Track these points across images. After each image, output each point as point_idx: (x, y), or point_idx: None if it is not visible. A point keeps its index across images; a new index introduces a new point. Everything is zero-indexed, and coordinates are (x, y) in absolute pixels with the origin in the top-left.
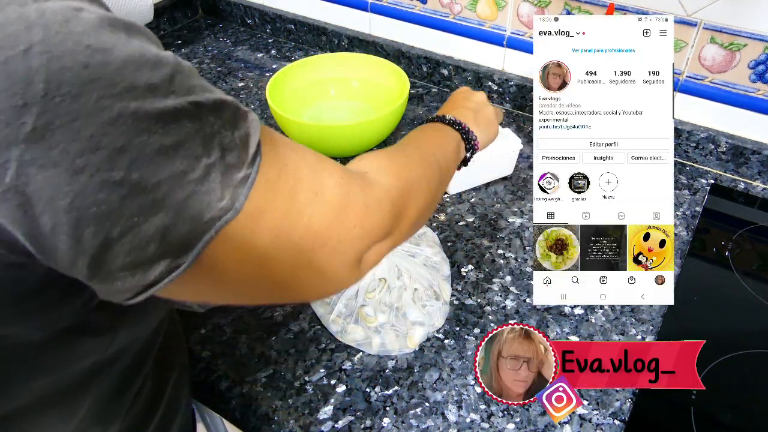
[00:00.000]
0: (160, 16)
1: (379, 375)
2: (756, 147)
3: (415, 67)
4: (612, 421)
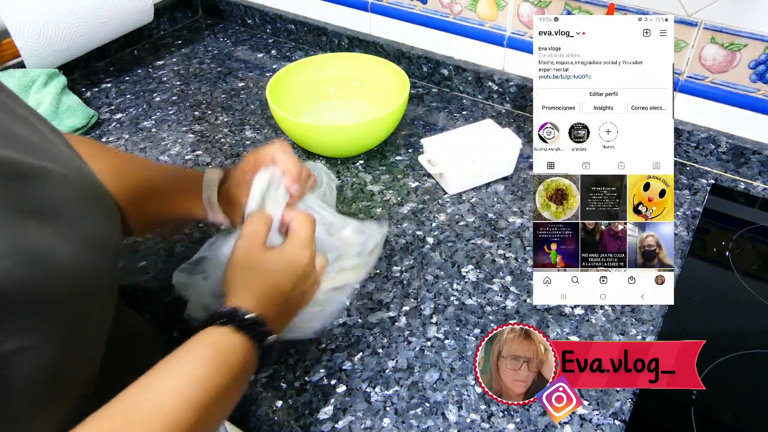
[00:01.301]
0: (160, 16)
1: (380, 375)
2: (756, 147)
3: (416, 67)
4: (612, 421)
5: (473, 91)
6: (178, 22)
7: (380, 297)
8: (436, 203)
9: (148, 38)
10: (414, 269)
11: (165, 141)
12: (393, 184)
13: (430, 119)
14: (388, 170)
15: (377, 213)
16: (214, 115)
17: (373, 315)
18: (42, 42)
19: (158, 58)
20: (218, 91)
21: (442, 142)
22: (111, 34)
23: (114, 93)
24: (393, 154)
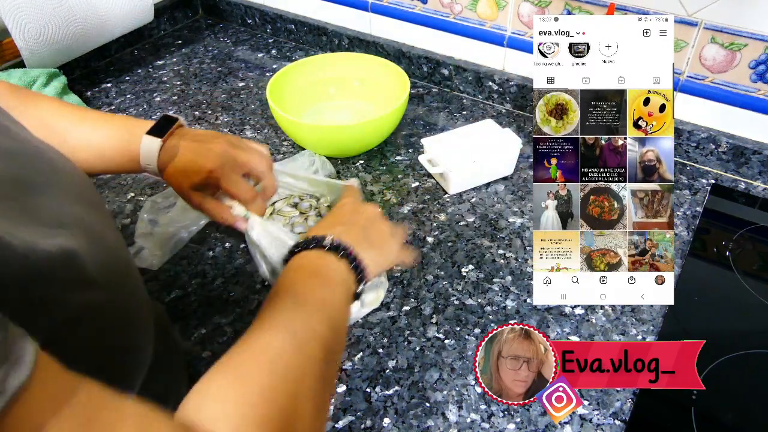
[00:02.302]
0: (160, 16)
1: (380, 375)
2: (756, 147)
3: (416, 67)
4: (612, 421)
5: (473, 91)
6: (179, 22)
7: None
8: (436, 203)
9: (149, 38)
10: (414, 269)
11: None
12: (393, 184)
13: (430, 119)
14: (388, 170)
15: None
16: (215, 115)
17: (373, 315)
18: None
19: (158, 58)
20: (218, 91)
21: (442, 142)
22: (111, 34)
23: (114, 93)
24: (393, 154)
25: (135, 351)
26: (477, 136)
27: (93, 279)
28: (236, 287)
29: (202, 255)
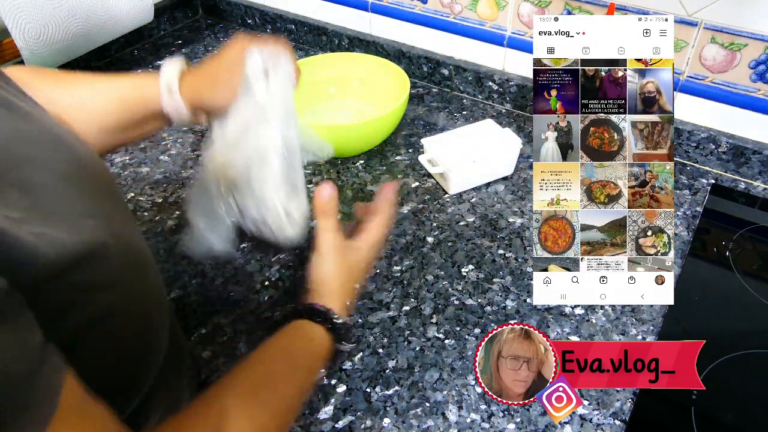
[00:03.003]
0: (160, 16)
1: (380, 375)
2: (756, 147)
3: (416, 67)
4: (613, 421)
5: (473, 91)
6: (178, 22)
7: (380, 297)
8: (436, 203)
9: (148, 38)
10: (414, 269)
11: (165, 141)
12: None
13: (430, 119)
14: (388, 170)
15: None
16: None
17: (373, 315)
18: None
19: (158, 58)
20: None
21: (442, 142)
22: (111, 34)
23: None
24: (393, 154)
25: (155, 346)
26: (477, 136)
27: (117, 276)
28: (236, 287)
29: None
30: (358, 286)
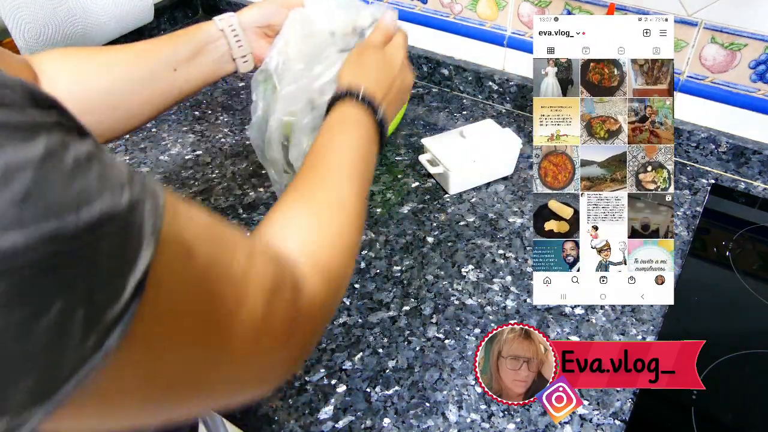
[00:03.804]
0: (160, 15)
1: (380, 375)
2: (757, 147)
3: (416, 67)
4: (612, 421)
5: (473, 90)
6: (179, 21)
7: (380, 297)
8: (436, 203)
9: (148, 38)
10: (414, 269)
11: (165, 141)
12: (393, 184)
13: (430, 119)
14: (388, 170)
15: (377, 213)
16: (215, 115)
17: (373, 315)
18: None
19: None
20: (218, 90)
21: (442, 142)
22: (111, 34)
23: None
24: (393, 154)
25: None
26: (477, 136)
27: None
28: None
29: None
30: (396, 93)
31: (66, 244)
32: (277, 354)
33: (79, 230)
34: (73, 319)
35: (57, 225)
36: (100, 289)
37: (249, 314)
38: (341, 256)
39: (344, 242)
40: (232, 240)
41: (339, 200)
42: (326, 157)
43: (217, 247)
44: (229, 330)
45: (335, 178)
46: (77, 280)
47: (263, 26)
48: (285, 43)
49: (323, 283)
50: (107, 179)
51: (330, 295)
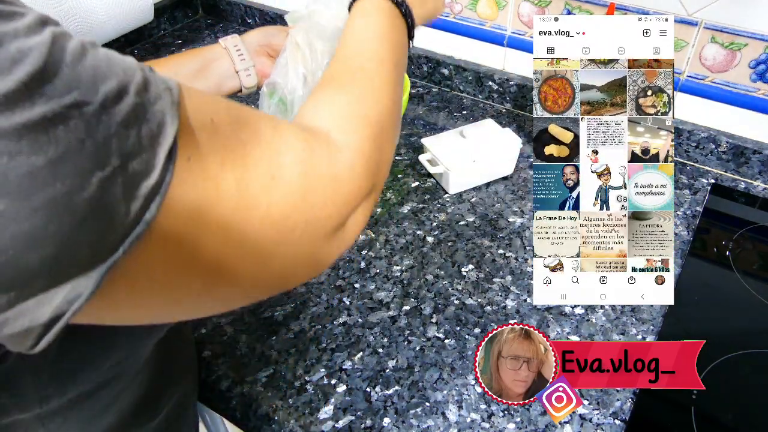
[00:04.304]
0: (160, 15)
1: (380, 375)
2: (756, 147)
3: (416, 67)
4: (612, 420)
5: (473, 90)
6: (179, 21)
7: (380, 297)
8: (436, 203)
9: (148, 38)
10: (414, 269)
11: None
12: (393, 184)
13: (430, 119)
14: None
15: (377, 213)
16: None
17: (373, 314)
18: None
19: (158, 58)
20: None
21: (442, 141)
22: (111, 34)
23: None
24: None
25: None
26: (477, 135)
27: None
28: None
29: None
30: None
31: (93, 117)
32: (321, 226)
33: (101, 103)
34: (113, 190)
35: (79, 97)
36: (134, 160)
37: (285, 187)
38: (379, 116)
39: (381, 107)
40: (254, 116)
41: (370, 78)
42: (354, 47)
43: (239, 122)
44: (267, 206)
45: (366, 60)
46: (111, 151)
47: (264, 45)
48: (293, 58)
49: (367, 129)
50: (115, 61)
51: (374, 151)
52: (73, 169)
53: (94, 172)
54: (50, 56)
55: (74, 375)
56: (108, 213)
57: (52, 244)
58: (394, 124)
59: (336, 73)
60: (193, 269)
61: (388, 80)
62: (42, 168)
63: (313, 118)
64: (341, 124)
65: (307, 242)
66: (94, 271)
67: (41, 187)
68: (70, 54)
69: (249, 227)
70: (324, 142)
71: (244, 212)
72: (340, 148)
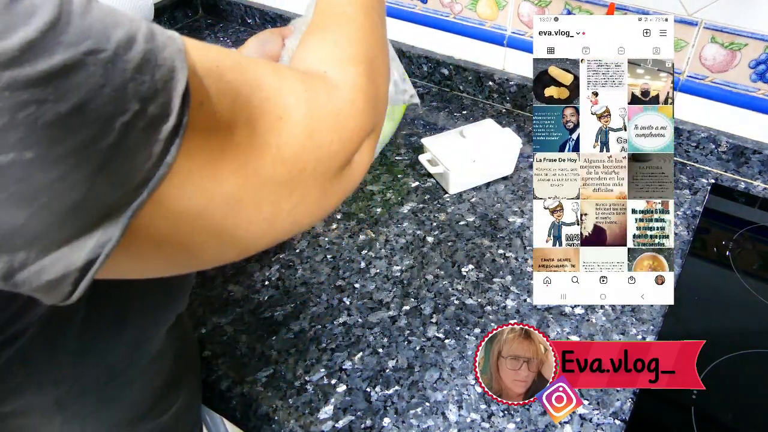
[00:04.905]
0: (160, 15)
1: (380, 375)
2: (756, 146)
3: (416, 67)
4: (612, 420)
5: (473, 90)
6: (178, 21)
7: (380, 297)
8: (436, 203)
9: None
10: (414, 269)
11: None
12: (393, 184)
13: (430, 119)
14: (388, 170)
15: (377, 213)
16: None
17: (373, 314)
18: None
19: None
20: None
21: (442, 141)
22: None
23: None
24: (393, 154)
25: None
26: (477, 135)
27: None
28: (236, 287)
29: None
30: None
31: (109, 63)
32: (329, 164)
33: (114, 50)
34: (134, 134)
35: (93, 45)
36: (152, 104)
37: (293, 127)
38: (367, 53)
39: (368, 45)
40: (253, 61)
41: (353, 19)
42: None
43: (241, 67)
44: (277, 147)
45: (346, 5)
46: (129, 96)
47: (260, 54)
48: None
49: (359, 66)
50: (119, 13)
51: (370, 86)
52: (95, 115)
53: (116, 117)
54: (61, 7)
55: (87, 355)
56: (131, 157)
57: (80, 190)
58: (383, 60)
59: (320, 21)
60: (210, 214)
61: (370, 19)
62: (67, 115)
63: (305, 62)
64: (333, 65)
65: (317, 181)
66: (122, 215)
67: (67, 134)
68: (78, 5)
69: (261, 169)
70: (322, 81)
71: (256, 153)
72: (337, 85)
